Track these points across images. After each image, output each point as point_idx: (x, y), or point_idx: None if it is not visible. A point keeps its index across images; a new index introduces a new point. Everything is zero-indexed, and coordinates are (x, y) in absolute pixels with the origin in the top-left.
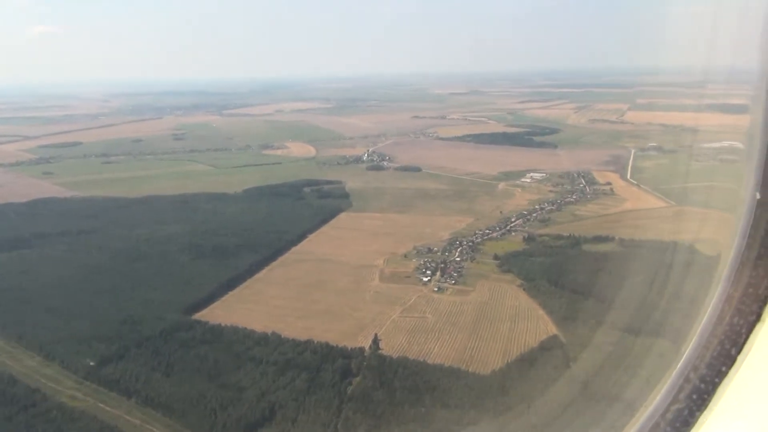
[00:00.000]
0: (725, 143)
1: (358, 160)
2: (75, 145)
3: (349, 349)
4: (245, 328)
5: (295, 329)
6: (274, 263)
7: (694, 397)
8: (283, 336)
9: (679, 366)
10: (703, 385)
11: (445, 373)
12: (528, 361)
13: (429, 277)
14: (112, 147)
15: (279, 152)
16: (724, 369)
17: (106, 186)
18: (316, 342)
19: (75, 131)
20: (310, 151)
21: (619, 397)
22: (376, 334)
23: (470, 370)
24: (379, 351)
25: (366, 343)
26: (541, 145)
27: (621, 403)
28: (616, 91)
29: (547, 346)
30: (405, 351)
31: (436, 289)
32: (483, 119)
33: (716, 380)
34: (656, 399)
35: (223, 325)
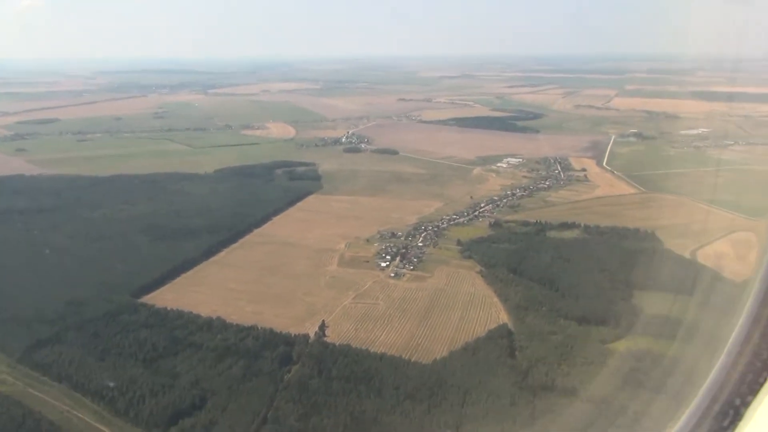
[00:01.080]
0: (701, 130)
1: (336, 141)
2: (53, 121)
3: (294, 335)
4: (191, 312)
5: (243, 314)
6: (234, 245)
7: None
8: (228, 321)
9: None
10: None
11: (386, 363)
12: (472, 350)
13: (388, 263)
14: (91, 125)
15: (258, 132)
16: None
17: (78, 164)
18: (260, 328)
19: (56, 108)
20: (289, 131)
21: (554, 387)
22: (323, 321)
23: (412, 359)
24: (324, 338)
25: (312, 330)
26: (523, 129)
27: (554, 392)
28: (607, 77)
29: (495, 335)
30: (351, 338)
31: (393, 274)
32: (469, 103)
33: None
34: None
35: (169, 308)
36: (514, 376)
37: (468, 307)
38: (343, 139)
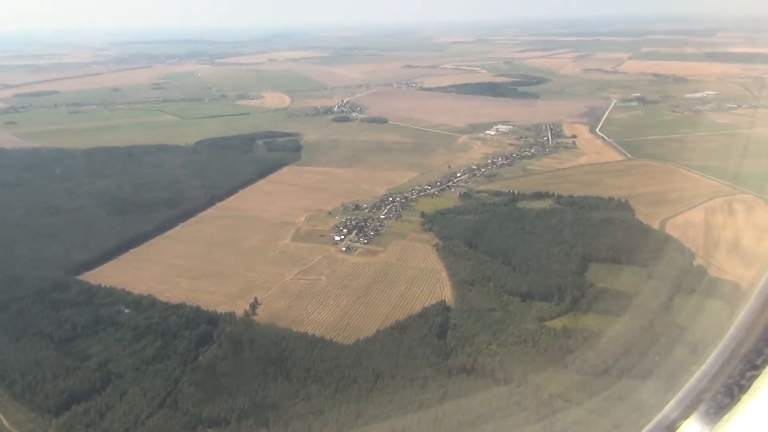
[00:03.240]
0: (706, 93)
1: (328, 111)
2: (51, 94)
3: (220, 313)
4: (123, 290)
5: (178, 291)
6: (192, 219)
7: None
8: (159, 299)
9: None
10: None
11: (305, 343)
12: (400, 329)
13: (343, 237)
14: (88, 96)
15: (252, 102)
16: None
17: (62, 136)
18: (188, 306)
19: (58, 80)
20: (284, 101)
21: (473, 369)
22: (255, 298)
23: (336, 339)
24: (253, 316)
25: (243, 308)
26: (523, 95)
27: (471, 374)
28: (624, 39)
29: (431, 312)
30: (280, 317)
31: (344, 248)
32: (476, 68)
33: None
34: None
35: (103, 286)
36: (435, 358)
37: (413, 282)
38: (335, 108)
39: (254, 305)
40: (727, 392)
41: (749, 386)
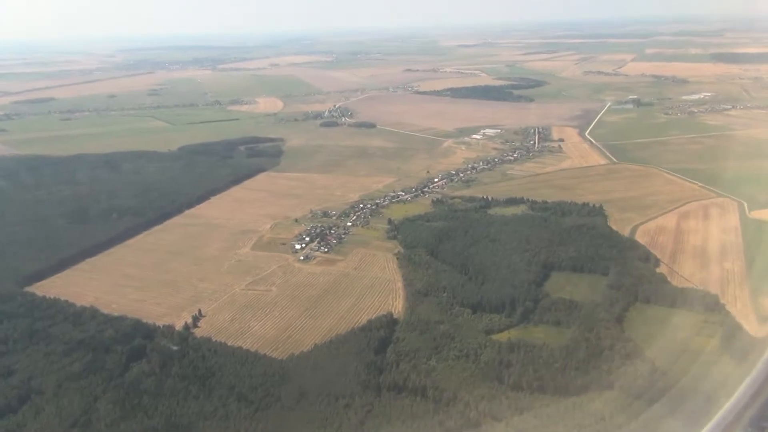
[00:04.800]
0: (703, 95)
1: (318, 115)
2: (48, 101)
3: (160, 327)
4: (66, 302)
5: (124, 302)
6: (156, 227)
7: None
8: (101, 311)
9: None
10: None
11: (237, 359)
12: (340, 343)
13: (303, 245)
14: (84, 103)
15: (245, 108)
16: None
17: (47, 144)
18: (129, 318)
19: (57, 87)
20: (277, 106)
21: (405, 386)
22: (199, 310)
23: (270, 353)
24: (194, 329)
25: (185, 320)
26: (518, 98)
27: (403, 392)
28: (631, 41)
29: (375, 325)
30: (221, 330)
31: (302, 258)
32: (476, 72)
33: None
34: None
35: (48, 297)
36: (366, 374)
37: (365, 293)
38: (326, 113)
39: (197, 317)
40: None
41: None
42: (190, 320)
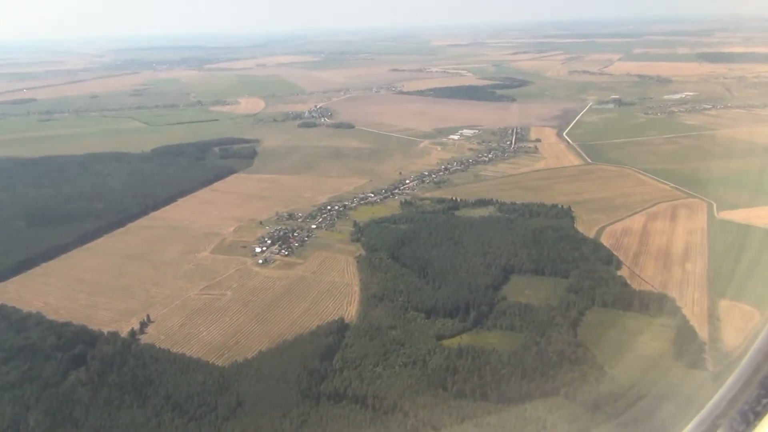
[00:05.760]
0: (685, 94)
1: (297, 116)
2: (28, 102)
3: (105, 333)
4: (14, 308)
5: (73, 308)
6: (119, 230)
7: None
8: (47, 317)
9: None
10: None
11: (178, 366)
12: (286, 350)
13: (264, 248)
14: (64, 104)
15: (226, 108)
16: None
17: (21, 145)
18: (74, 324)
19: (40, 87)
20: (258, 106)
21: (345, 394)
22: (148, 316)
23: (214, 360)
24: (140, 335)
25: (132, 326)
26: (499, 98)
27: (343, 400)
28: (621, 40)
29: (325, 331)
30: (168, 336)
31: (261, 261)
32: (462, 72)
33: None
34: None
35: None
36: (308, 382)
37: (321, 298)
38: (306, 114)
39: (144, 323)
40: (743, 419)
41: (765, 413)
42: (137, 326)
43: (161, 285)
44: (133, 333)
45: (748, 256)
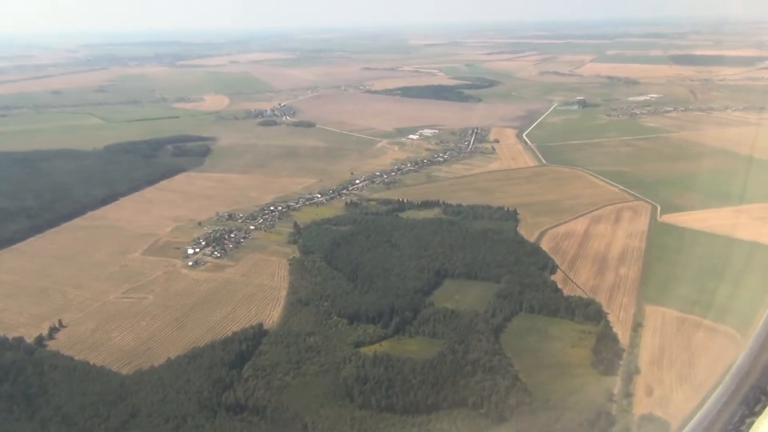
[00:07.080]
0: (650, 96)
1: (259, 114)
2: None
3: (10, 339)
4: None
5: None
6: (52, 230)
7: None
8: None
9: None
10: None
11: (77, 375)
12: (193, 357)
13: (197, 250)
14: (23, 100)
15: (189, 105)
16: None
17: None
18: None
19: (3, 83)
20: (222, 104)
21: (247, 405)
22: (60, 321)
23: (118, 369)
24: (48, 341)
25: (41, 332)
26: (466, 98)
27: (243, 412)
28: (596, 42)
29: (240, 338)
30: (77, 342)
31: (191, 263)
32: (434, 71)
33: None
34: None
35: None
36: (210, 392)
37: (244, 302)
38: (268, 112)
39: (55, 328)
40: None
41: None
42: (46, 331)
43: (82, 288)
44: (40, 339)
45: (680, 260)
